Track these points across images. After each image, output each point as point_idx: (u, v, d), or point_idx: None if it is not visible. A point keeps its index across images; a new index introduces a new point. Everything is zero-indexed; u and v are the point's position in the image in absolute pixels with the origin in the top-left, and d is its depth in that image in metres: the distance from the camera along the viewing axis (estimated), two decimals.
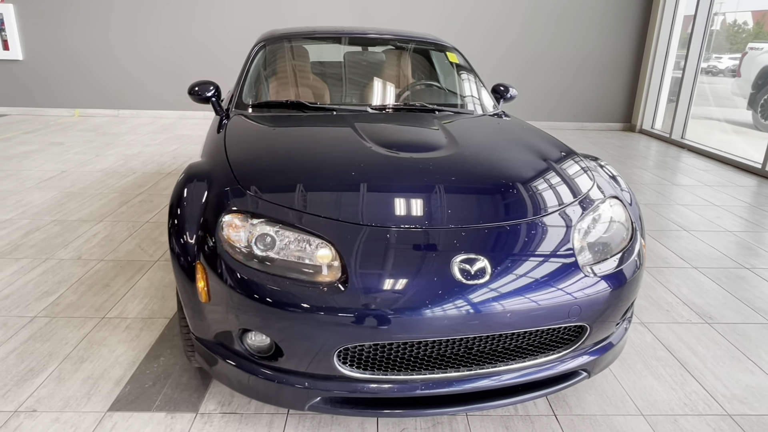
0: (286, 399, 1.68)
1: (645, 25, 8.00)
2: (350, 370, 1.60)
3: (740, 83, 9.67)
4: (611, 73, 8.21)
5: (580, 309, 1.64)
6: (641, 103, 8.15)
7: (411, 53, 3.32)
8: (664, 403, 2.07)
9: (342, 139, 2.24)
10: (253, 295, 1.56)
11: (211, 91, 2.92)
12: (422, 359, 1.63)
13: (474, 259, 1.60)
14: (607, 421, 1.96)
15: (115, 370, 2.17)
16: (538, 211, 1.81)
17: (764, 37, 10.20)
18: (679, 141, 7.28)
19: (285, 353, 1.59)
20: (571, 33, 8.01)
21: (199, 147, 6.18)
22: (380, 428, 1.90)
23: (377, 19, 7.86)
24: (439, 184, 1.88)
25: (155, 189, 4.56)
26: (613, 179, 2.26)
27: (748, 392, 2.15)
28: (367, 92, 3.02)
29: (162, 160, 5.55)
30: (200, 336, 1.81)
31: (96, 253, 3.26)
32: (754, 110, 9.01)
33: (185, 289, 1.76)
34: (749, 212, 4.48)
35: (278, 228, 1.67)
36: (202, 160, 2.14)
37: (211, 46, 7.83)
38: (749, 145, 7.66)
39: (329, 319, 1.50)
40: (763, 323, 2.67)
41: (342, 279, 1.55)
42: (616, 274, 1.73)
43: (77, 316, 2.57)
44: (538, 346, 1.71)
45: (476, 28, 7.94)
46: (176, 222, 1.83)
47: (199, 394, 2.05)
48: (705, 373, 2.26)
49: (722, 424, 1.96)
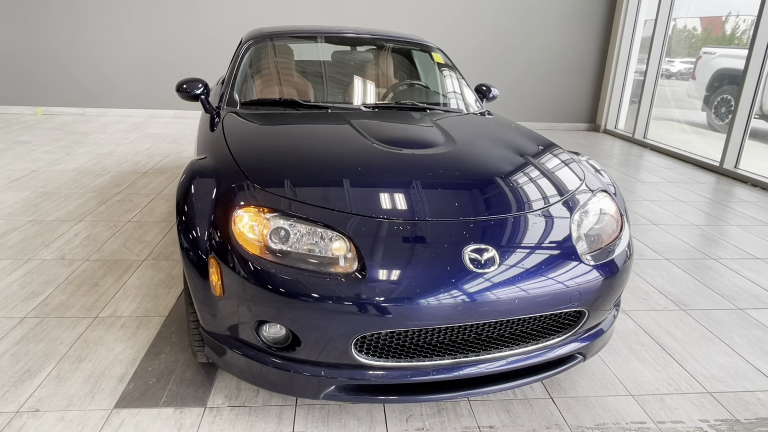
0: (301, 388, 1.72)
1: (608, 29, 8.32)
2: (366, 358, 1.66)
3: (695, 86, 10.17)
4: (577, 75, 8.50)
5: (580, 295, 1.74)
6: (605, 104, 8.47)
7: (399, 53, 3.39)
8: (649, 384, 2.20)
9: (344, 136, 2.29)
10: (272, 288, 1.60)
11: (200, 88, 2.91)
12: (434, 345, 1.70)
13: (483, 249, 1.68)
14: (599, 402, 2.08)
15: (116, 368, 2.16)
16: (538, 204, 1.92)
17: (712, 42, 10.74)
18: (641, 140, 7.61)
19: (303, 343, 1.63)
20: (539, 36, 8.25)
21: (173, 146, 6.11)
22: (387, 415, 1.96)
23: (347, 20, 7.90)
24: (444, 178, 1.96)
25: (133, 188, 4.48)
26: (598, 173, 2.38)
27: (724, 371, 2.31)
28: (358, 91, 3.08)
29: (136, 159, 5.44)
30: (211, 330, 1.83)
31: (80, 253, 3.20)
32: (709, 111, 9.50)
33: (197, 283, 1.77)
34: (710, 207, 4.74)
35: (292, 221, 1.71)
36: (204, 158, 2.15)
37: (180, 45, 7.70)
38: (706, 144, 8.07)
39: (348, 309, 1.56)
40: (732, 309, 2.86)
41: (359, 269, 1.61)
42: (610, 262, 1.85)
43: (69, 316, 2.53)
44: (540, 330, 1.81)
45: (445, 28, 8.09)
46: (185, 219, 1.84)
47: (205, 389, 2.07)
48: (684, 355, 2.42)
49: (704, 401, 2.11)
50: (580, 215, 1.95)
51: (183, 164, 5.32)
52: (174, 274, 2.99)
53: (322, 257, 1.65)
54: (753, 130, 6.02)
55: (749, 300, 2.97)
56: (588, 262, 1.79)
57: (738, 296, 3.01)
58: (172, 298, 2.72)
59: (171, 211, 3.97)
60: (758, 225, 4.27)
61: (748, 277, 3.26)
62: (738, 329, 2.66)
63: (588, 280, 1.76)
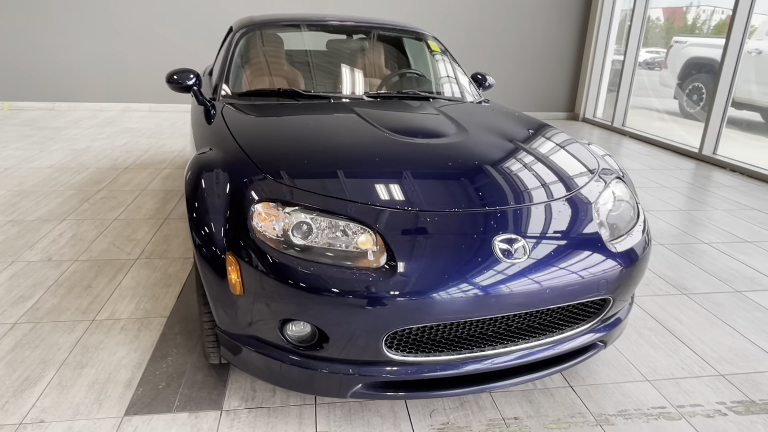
0: (327, 387, 1.67)
1: (586, 19, 8.40)
2: (396, 354, 1.61)
3: (666, 74, 10.39)
4: (556, 65, 8.57)
5: (607, 283, 1.73)
6: (584, 93, 8.56)
7: (396, 42, 3.33)
8: (664, 369, 2.22)
9: (353, 127, 2.22)
10: (299, 285, 1.53)
11: (191, 79, 2.80)
12: (464, 338, 1.67)
13: (512, 238, 1.65)
14: (618, 389, 2.08)
15: (121, 374, 2.06)
16: (560, 191, 1.89)
17: (675, 32, 10.99)
18: (620, 128, 7.72)
19: (331, 341, 1.57)
20: (518, 26, 8.27)
21: (151, 140, 5.91)
22: (410, 410, 1.92)
23: (329, 8, 7.77)
24: (464, 168, 1.91)
25: (115, 185, 4.31)
26: (605, 159, 2.38)
27: (732, 353, 2.35)
28: (357, 80, 3.00)
29: (114, 155, 5.24)
30: (229, 330, 1.75)
31: (67, 254, 3.05)
32: (680, 99, 9.72)
33: (213, 282, 1.69)
34: (695, 192, 4.84)
35: (314, 215, 1.64)
36: (208, 151, 2.05)
37: (155, 35, 7.44)
38: (683, 131, 8.25)
39: (381, 304, 1.50)
40: (731, 292, 2.92)
41: (389, 263, 1.56)
42: (633, 248, 1.84)
43: (64, 320, 2.40)
44: (566, 320, 1.79)
45: (426, 18, 8.03)
46: (198, 216, 1.75)
47: (219, 391, 1.99)
48: (692, 339, 2.45)
49: (718, 384, 2.14)
50: (600, 202, 1.93)
51: (164, 159, 5.15)
52: (170, 272, 2.88)
53: (349, 251, 1.59)
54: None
55: (745, 282, 3.03)
56: (613, 249, 1.78)
57: (734, 279, 3.07)
58: (171, 298, 2.62)
59: (158, 208, 3.83)
60: (742, 209, 4.37)
61: (741, 260, 3.33)
62: (739, 311, 2.71)
63: (613, 267, 1.75)
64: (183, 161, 5.12)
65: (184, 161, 5.12)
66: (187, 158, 5.23)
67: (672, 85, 10.10)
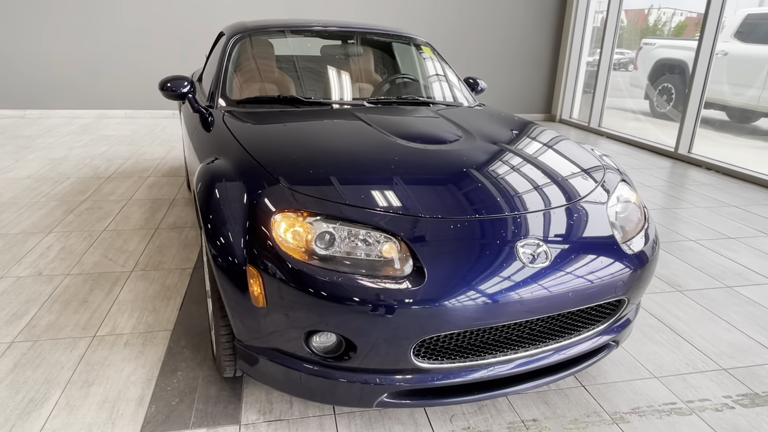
0: (354, 398, 1.65)
1: (560, 23, 8.57)
2: (423, 362, 1.61)
3: (637, 75, 10.68)
4: (532, 67, 8.71)
5: (623, 283, 1.77)
6: (560, 94, 8.73)
7: (391, 47, 3.33)
8: (669, 365, 2.28)
9: (363, 134, 2.22)
10: (326, 295, 1.51)
11: (186, 86, 2.76)
12: (489, 343, 1.68)
13: (534, 243, 1.67)
14: (629, 387, 2.13)
15: (131, 391, 2.00)
16: (574, 195, 1.93)
17: (638, 34, 11.34)
18: (597, 129, 7.90)
19: (360, 351, 1.56)
20: (497, 31, 8.38)
21: (131, 148, 5.77)
22: (430, 417, 1.92)
23: (307, 14, 7.73)
24: (480, 173, 1.93)
25: (100, 195, 4.19)
26: (607, 161, 2.43)
27: (731, 348, 2.43)
28: (355, 86, 3.00)
29: (95, 163, 5.10)
30: (250, 343, 1.72)
31: (58, 268, 2.95)
32: (651, 99, 10.01)
33: (233, 295, 1.66)
34: (675, 191, 4.99)
35: (337, 224, 1.63)
36: (217, 161, 2.01)
37: (130, 40, 7.27)
38: (657, 130, 8.49)
39: (410, 313, 1.50)
40: (722, 287, 3.01)
41: (416, 271, 1.55)
42: (644, 249, 1.89)
43: (63, 337, 2.32)
44: (584, 321, 1.82)
45: (405, 23, 8.07)
46: (214, 227, 1.72)
47: (235, 405, 1.95)
48: (692, 335, 2.52)
49: (722, 378, 2.20)
50: (610, 204, 1.97)
51: (147, 167, 5.04)
52: (168, 284, 2.82)
53: (374, 260, 1.59)
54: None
55: (734, 278, 3.14)
56: (627, 251, 1.82)
57: (724, 275, 3.17)
58: (173, 311, 2.56)
59: (148, 218, 3.74)
60: (722, 206, 4.53)
61: (728, 256, 3.44)
62: (733, 306, 2.80)
63: (628, 268, 1.79)
64: (167, 169, 5.01)
65: (168, 169, 5.02)
66: (171, 166, 5.12)
67: (642, 85, 10.40)
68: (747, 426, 1.93)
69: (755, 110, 8.16)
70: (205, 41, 7.41)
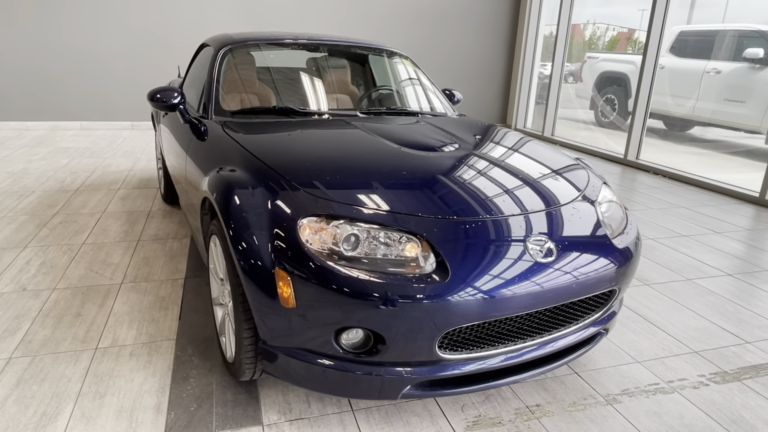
0: (380, 391, 1.75)
1: (513, 35, 8.99)
2: (446, 353, 1.73)
3: (582, 87, 11.31)
4: (487, 78, 9.08)
5: (616, 275, 1.95)
6: (514, 105, 9.13)
7: (374, 60, 3.46)
8: (648, 350, 2.50)
9: (365, 141, 2.32)
10: (355, 294, 1.60)
11: (176, 98, 2.79)
12: (503, 334, 1.82)
13: (542, 240, 1.83)
14: (616, 371, 2.32)
15: (146, 399, 2.01)
16: (572, 195, 2.11)
17: (575, 48, 12.06)
18: (550, 138, 8.32)
19: (389, 346, 1.66)
20: (450, 43, 8.69)
21: (94, 160, 5.62)
22: (443, 407, 2.04)
23: (265, 26, 7.77)
24: (486, 176, 2.08)
25: (71, 208, 4.08)
26: (586, 165, 2.65)
27: (699, 333, 2.68)
28: (346, 97, 3.10)
29: (58, 176, 4.94)
30: (277, 344, 1.78)
31: (42, 282, 2.88)
32: (596, 110, 10.62)
33: (261, 297, 1.72)
34: (629, 194, 5.35)
35: (361, 227, 1.73)
36: (231, 170, 2.06)
37: (83, 52, 7.07)
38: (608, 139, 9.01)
39: (436, 308, 1.62)
40: (683, 280, 3.30)
41: (440, 267, 1.67)
42: (630, 244, 2.09)
43: (64, 351, 2.29)
44: (583, 310, 2.00)
45: (360, 33, 8.24)
46: (237, 234, 1.78)
47: (254, 407, 2.00)
48: (664, 323, 2.76)
49: (695, 360, 2.44)
50: (599, 203, 2.17)
51: (115, 179, 4.93)
52: (162, 295, 2.81)
53: (398, 259, 1.69)
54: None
55: (693, 271, 3.44)
56: (617, 245, 2.01)
57: (683, 269, 3.47)
58: (173, 320, 2.56)
59: (127, 230, 3.69)
60: (672, 207, 4.91)
61: (684, 252, 3.76)
62: (695, 297, 3.08)
63: (619, 260, 1.97)
64: (137, 181, 4.92)
65: (138, 181, 4.92)
66: (140, 178, 5.03)
67: (588, 96, 11.02)
68: (722, 400, 2.16)
69: (691, 119, 8.83)
70: (163, 53, 7.31)
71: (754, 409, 2.12)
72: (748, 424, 2.03)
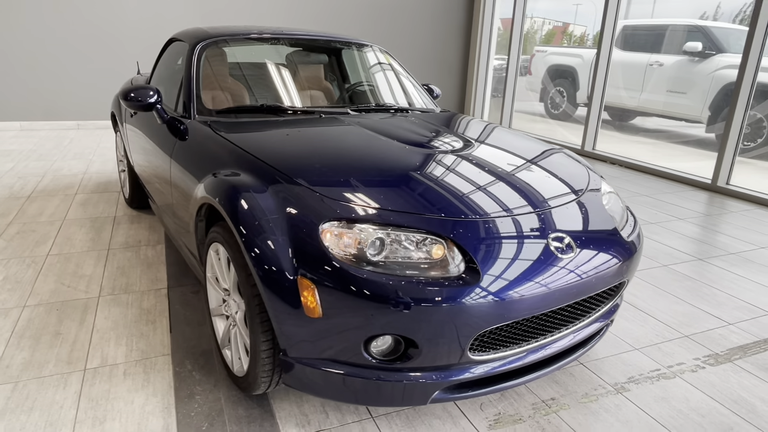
0: (411, 397, 1.70)
1: (468, 30, 9.09)
2: (476, 354, 1.71)
3: (532, 80, 11.61)
4: (445, 73, 9.15)
5: (627, 267, 1.99)
6: (471, 98, 9.25)
7: (357, 56, 3.38)
8: (643, 337, 2.58)
9: (368, 139, 2.26)
10: (386, 300, 1.55)
11: (152, 96, 2.62)
12: (527, 330, 1.81)
13: (561, 236, 1.83)
14: (618, 360, 2.38)
15: (151, 422, 1.88)
16: (580, 190, 2.13)
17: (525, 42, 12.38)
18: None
19: (421, 351, 1.62)
20: (407, 37, 8.69)
21: (43, 163, 5.23)
22: (462, 408, 2.02)
23: (216, 20, 7.49)
24: (499, 174, 2.07)
25: (26, 217, 3.77)
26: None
27: (686, 317, 2.80)
28: (334, 94, 3.01)
29: (6, 181, 4.57)
30: (299, 355, 1.70)
31: (10, 300, 2.64)
32: (545, 102, 10.94)
33: (282, 308, 1.64)
34: None
35: (386, 230, 1.67)
36: (230, 174, 1.95)
37: (20, 44, 6.56)
38: (565, 130, 9.28)
39: (469, 310, 1.58)
40: (660, 266, 3.44)
41: (470, 269, 1.64)
42: (634, 235, 2.14)
43: (48, 374, 2.11)
44: (596, 303, 2.03)
45: (314, 25, 8.10)
46: (251, 242, 1.68)
47: (270, 421, 1.91)
48: (653, 310, 2.86)
49: (687, 344, 2.54)
50: (603, 197, 2.21)
51: (70, 183, 4.61)
52: (146, 307, 2.64)
53: (425, 261, 1.65)
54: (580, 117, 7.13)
55: (667, 258, 3.59)
56: (625, 237, 2.05)
57: (658, 256, 3.61)
58: (163, 334, 2.41)
59: (93, 239, 3.45)
60: (635, 195, 5.11)
61: (656, 239, 3.92)
62: (674, 282, 3.21)
63: (627, 252, 2.01)
64: (94, 185, 4.62)
65: (96, 185, 4.62)
66: (97, 182, 4.72)
67: (537, 89, 11.32)
68: (719, 381, 2.26)
69: (635, 110, 9.24)
70: (112, 48, 6.91)
71: (750, 388, 2.22)
72: (747, 403, 2.13)
